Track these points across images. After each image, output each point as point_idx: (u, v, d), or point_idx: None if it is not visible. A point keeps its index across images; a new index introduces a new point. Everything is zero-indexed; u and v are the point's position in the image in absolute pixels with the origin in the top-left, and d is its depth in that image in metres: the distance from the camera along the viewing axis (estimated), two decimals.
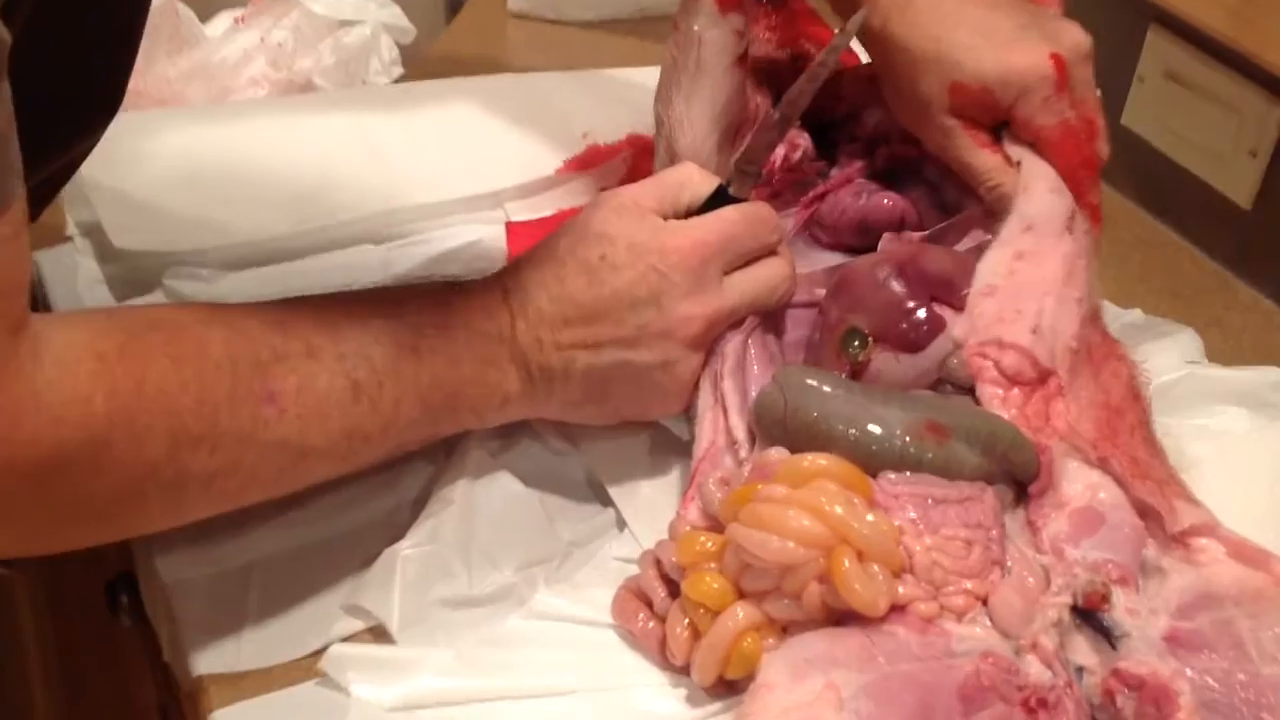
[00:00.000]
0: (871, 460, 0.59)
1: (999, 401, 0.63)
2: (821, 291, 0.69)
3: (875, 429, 0.59)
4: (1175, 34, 0.88)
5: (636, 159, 0.90)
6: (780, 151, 0.74)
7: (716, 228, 0.63)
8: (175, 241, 0.78)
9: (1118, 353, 0.66)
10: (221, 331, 0.54)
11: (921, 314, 0.64)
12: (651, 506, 0.66)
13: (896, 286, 0.65)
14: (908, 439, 0.59)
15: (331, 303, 0.59)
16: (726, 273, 0.63)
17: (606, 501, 0.67)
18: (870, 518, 0.56)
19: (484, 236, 0.85)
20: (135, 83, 0.65)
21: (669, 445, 0.69)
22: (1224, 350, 0.81)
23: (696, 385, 0.64)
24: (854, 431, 0.59)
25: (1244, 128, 0.85)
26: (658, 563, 0.61)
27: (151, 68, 1.10)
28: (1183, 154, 0.89)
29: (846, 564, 0.54)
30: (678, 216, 0.64)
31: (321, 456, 0.57)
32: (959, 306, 0.64)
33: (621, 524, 0.66)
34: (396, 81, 1.10)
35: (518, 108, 0.93)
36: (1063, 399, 0.63)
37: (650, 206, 0.63)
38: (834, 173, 0.78)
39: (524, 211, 0.87)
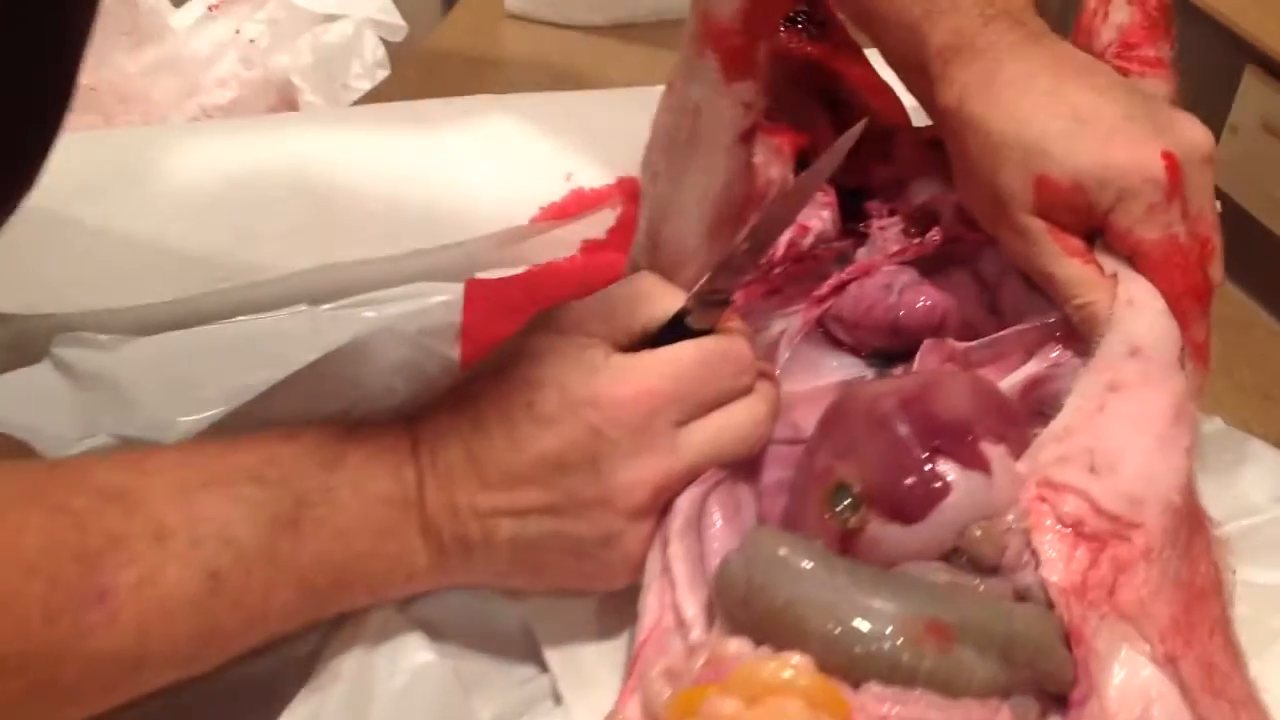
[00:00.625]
0: (853, 665, 0.47)
1: (1059, 563, 0.49)
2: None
3: (861, 626, 0.47)
4: (1277, 78, 0.73)
5: (627, 207, 0.77)
6: (785, 235, 0.61)
7: (669, 371, 0.52)
8: (65, 301, 0.69)
9: (1205, 520, 0.52)
10: (40, 516, 0.44)
11: (917, 475, 0.50)
12: (596, 678, 0.54)
13: (900, 429, 0.51)
14: (900, 641, 0.46)
15: (194, 456, 0.50)
16: (683, 423, 0.52)
17: (542, 664, 0.55)
18: None
19: (442, 298, 0.73)
20: (88, 77, 0.54)
21: (626, 600, 0.56)
22: None
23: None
24: (833, 627, 0.47)
25: None
26: None
27: (107, 60, 1.00)
28: (1276, 218, 0.74)
29: None
30: (631, 343, 0.54)
31: (164, 664, 0.47)
32: (975, 464, 0.50)
33: (558, 697, 0.54)
34: (380, 85, 1.00)
35: (491, 139, 0.81)
36: (1147, 566, 0.49)
37: (595, 333, 0.53)
38: (860, 254, 0.65)
39: (492, 268, 0.75)
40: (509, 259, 0.76)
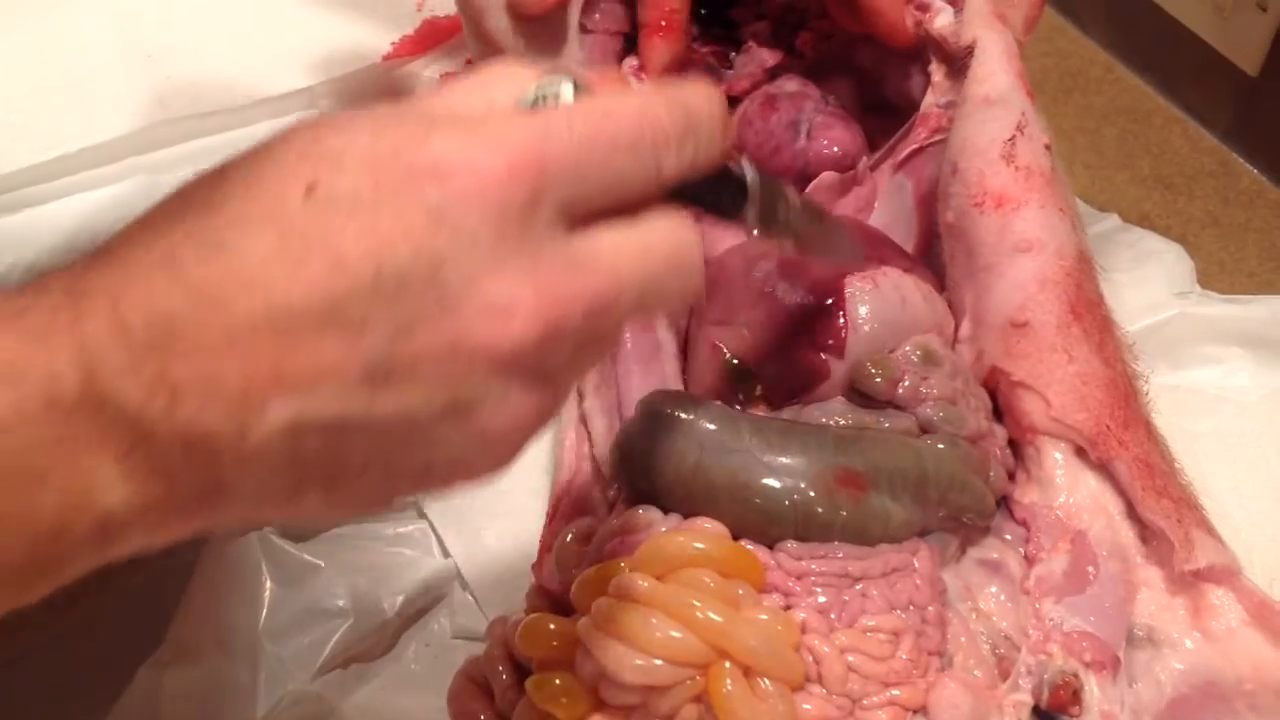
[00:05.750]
0: (768, 525, 0.45)
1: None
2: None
3: (772, 484, 0.44)
4: None
5: None
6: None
7: (561, 126, 0.32)
8: None
9: (1113, 320, 0.50)
10: None
11: (801, 361, 0.47)
12: (502, 563, 0.51)
13: (779, 299, 0.48)
14: (813, 495, 0.44)
15: None
16: (576, 220, 0.33)
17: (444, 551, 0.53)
18: (762, 616, 0.42)
19: None
20: None
21: (525, 462, 0.53)
22: (1223, 260, 0.66)
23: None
24: (743, 489, 0.44)
25: None
26: (506, 643, 0.47)
27: None
28: (1175, 0, 0.71)
29: (728, 684, 0.42)
30: None
31: None
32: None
33: (464, 583, 0.52)
34: None
35: None
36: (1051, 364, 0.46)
37: (425, 104, 0.34)
38: (736, 61, 0.60)
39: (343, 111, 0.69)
40: (361, 102, 0.70)
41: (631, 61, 0.57)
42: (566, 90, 0.33)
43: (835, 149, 0.54)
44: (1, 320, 0.30)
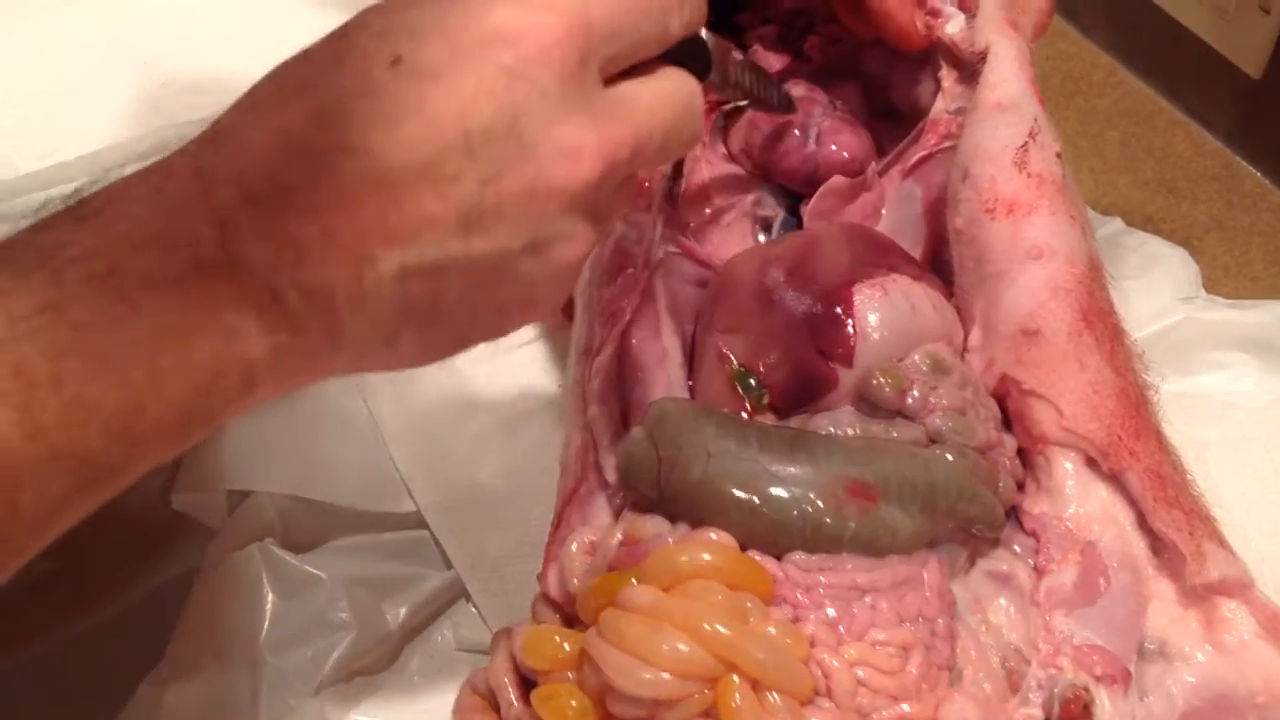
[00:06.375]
0: (776, 536, 0.44)
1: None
2: None
3: (780, 495, 0.44)
4: None
5: None
6: None
7: None
8: None
9: (1123, 329, 0.50)
10: None
11: (811, 366, 0.47)
12: (507, 574, 0.51)
13: (788, 308, 0.47)
14: (822, 506, 0.44)
15: None
16: (611, 76, 0.38)
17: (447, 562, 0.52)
18: (770, 629, 0.41)
19: None
20: None
21: (526, 479, 0.53)
22: (1227, 265, 0.66)
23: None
24: (752, 499, 0.44)
25: None
26: (511, 655, 0.46)
27: None
28: (1175, 2, 0.70)
29: (737, 699, 0.41)
30: None
31: None
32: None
33: (467, 594, 0.51)
34: None
35: None
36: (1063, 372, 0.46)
37: None
38: None
39: None
40: None
41: None
42: None
43: (844, 154, 0.54)
44: (143, 196, 0.34)
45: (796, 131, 0.54)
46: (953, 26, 0.49)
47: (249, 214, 0.34)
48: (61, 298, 0.32)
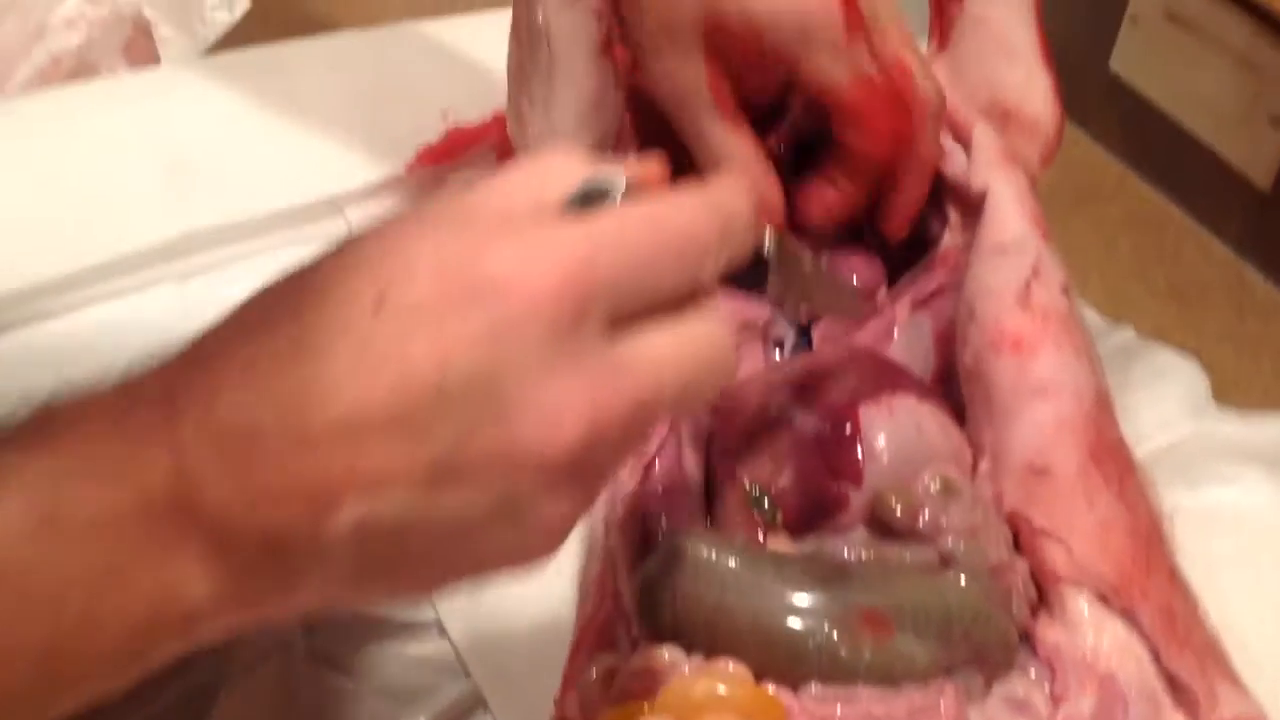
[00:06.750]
0: (792, 667, 0.45)
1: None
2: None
3: (794, 625, 0.44)
4: None
5: (507, 145, 0.72)
6: None
7: (608, 237, 0.34)
8: None
9: (1132, 460, 0.50)
10: None
11: (823, 488, 0.48)
12: (526, 688, 0.51)
13: (797, 429, 0.48)
14: (837, 637, 0.44)
15: None
16: (617, 325, 0.34)
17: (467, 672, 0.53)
18: None
19: None
20: None
21: (550, 592, 0.53)
22: (1238, 377, 0.66)
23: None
24: (767, 630, 0.44)
25: (1265, 88, 0.67)
26: None
27: None
28: (1187, 113, 0.72)
29: None
30: None
31: None
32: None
33: (487, 706, 0.52)
34: (241, 18, 0.92)
35: (358, 81, 0.74)
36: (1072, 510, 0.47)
37: (481, 205, 0.35)
38: None
39: (369, 221, 0.70)
40: (387, 211, 0.71)
41: None
42: (617, 188, 0.35)
43: (854, 277, 0.55)
44: (106, 422, 0.32)
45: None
46: (953, 166, 0.51)
47: (210, 452, 0.32)
48: (2, 532, 0.31)
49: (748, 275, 0.37)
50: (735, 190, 0.37)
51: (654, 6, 0.51)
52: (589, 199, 0.35)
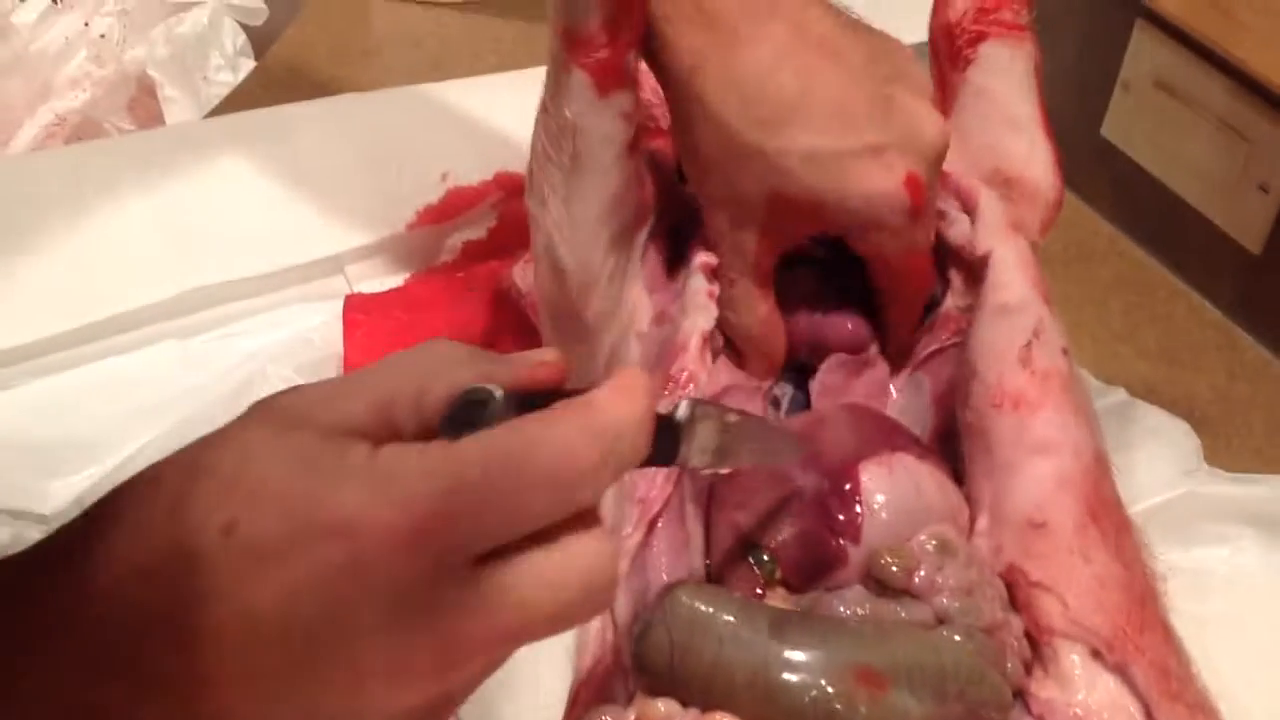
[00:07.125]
0: None
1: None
2: None
3: (790, 680, 0.44)
4: (1167, 35, 0.71)
5: (506, 205, 0.73)
6: None
7: (473, 471, 0.31)
8: None
9: (1129, 519, 0.51)
10: None
11: (821, 545, 0.48)
12: None
13: (798, 488, 0.49)
14: (832, 692, 0.44)
15: None
16: (483, 560, 0.32)
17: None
18: None
19: (321, 319, 0.68)
20: None
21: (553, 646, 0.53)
22: (1229, 438, 0.67)
23: None
24: (762, 685, 0.44)
25: (1253, 155, 0.68)
26: None
27: None
28: (1177, 179, 0.73)
29: None
30: (417, 434, 0.34)
31: None
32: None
33: None
34: (243, 79, 0.94)
35: (358, 142, 0.76)
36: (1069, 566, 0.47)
37: (344, 420, 0.33)
38: None
39: (370, 279, 0.71)
40: (386, 269, 0.72)
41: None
42: (495, 401, 0.33)
43: (847, 324, 0.55)
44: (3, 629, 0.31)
45: (803, 302, 0.56)
46: (956, 231, 0.52)
47: (75, 669, 0.31)
48: None
49: (659, 455, 0.35)
50: (624, 402, 0.33)
51: (719, 170, 0.51)
52: (470, 406, 0.33)
